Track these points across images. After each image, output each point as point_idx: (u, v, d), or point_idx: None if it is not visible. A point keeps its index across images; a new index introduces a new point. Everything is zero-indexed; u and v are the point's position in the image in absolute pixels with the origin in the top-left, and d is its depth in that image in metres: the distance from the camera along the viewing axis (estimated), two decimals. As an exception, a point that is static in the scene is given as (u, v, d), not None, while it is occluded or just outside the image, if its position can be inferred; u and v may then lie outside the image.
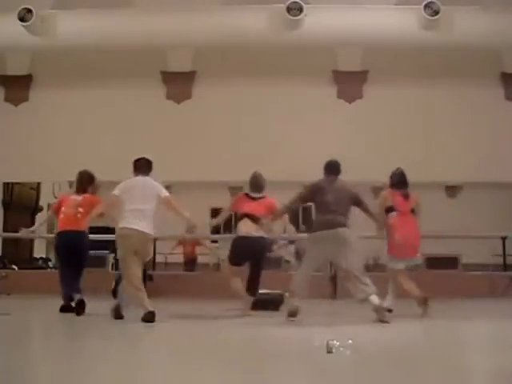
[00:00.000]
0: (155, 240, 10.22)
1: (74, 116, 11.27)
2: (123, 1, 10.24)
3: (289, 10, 9.32)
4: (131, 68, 11.06)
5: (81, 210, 6.99)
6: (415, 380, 3.16)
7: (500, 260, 10.10)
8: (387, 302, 6.46)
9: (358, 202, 6.35)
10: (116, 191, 6.43)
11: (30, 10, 9.40)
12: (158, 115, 11.25)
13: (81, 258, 6.83)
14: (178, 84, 11.40)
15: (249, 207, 6.74)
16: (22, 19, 9.40)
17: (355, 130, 10.95)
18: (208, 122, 11.10)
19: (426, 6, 9.22)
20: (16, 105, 11.50)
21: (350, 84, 11.26)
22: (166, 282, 9.24)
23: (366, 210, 6.40)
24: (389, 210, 6.75)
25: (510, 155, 10.67)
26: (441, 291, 8.59)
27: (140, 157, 6.68)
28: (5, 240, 12.97)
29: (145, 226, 6.24)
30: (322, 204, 6.22)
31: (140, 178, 6.50)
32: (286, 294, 7.13)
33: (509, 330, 5.41)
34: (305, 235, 6.78)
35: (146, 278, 9.09)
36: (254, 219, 6.62)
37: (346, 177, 11.47)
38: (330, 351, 3.68)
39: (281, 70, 10.93)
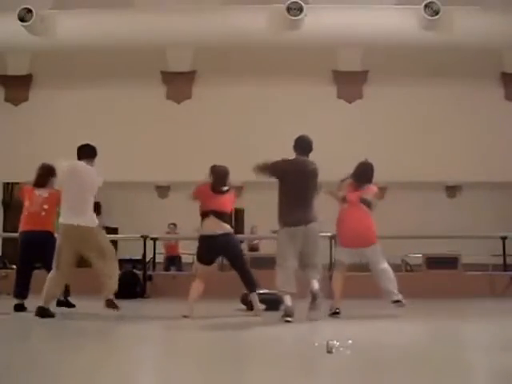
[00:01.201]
0: (155, 240, 10.27)
1: (74, 116, 11.27)
2: (123, 1, 10.25)
3: (289, 9, 9.32)
4: (131, 68, 11.07)
5: (46, 207, 6.71)
6: (415, 380, 3.16)
7: (500, 260, 10.09)
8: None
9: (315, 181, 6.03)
10: None
11: (30, 10, 9.40)
12: (158, 115, 11.26)
13: (46, 260, 6.40)
14: (178, 84, 11.41)
15: (215, 202, 6.39)
16: (22, 19, 9.41)
17: (355, 130, 10.96)
18: (208, 122, 11.10)
19: (426, 6, 9.23)
20: (16, 105, 11.50)
21: (350, 84, 11.27)
22: (165, 282, 9.23)
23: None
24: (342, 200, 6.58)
25: (510, 155, 10.67)
26: (441, 291, 8.60)
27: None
28: (5, 240, 12.96)
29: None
30: (288, 193, 5.93)
31: None
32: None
33: (509, 330, 5.41)
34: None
35: (146, 277, 9.13)
36: (220, 215, 6.31)
37: (345, 177, 11.47)
38: (329, 351, 3.67)
39: (281, 70, 10.93)
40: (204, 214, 6.40)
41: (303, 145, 6.20)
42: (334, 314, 6.19)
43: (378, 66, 11.04)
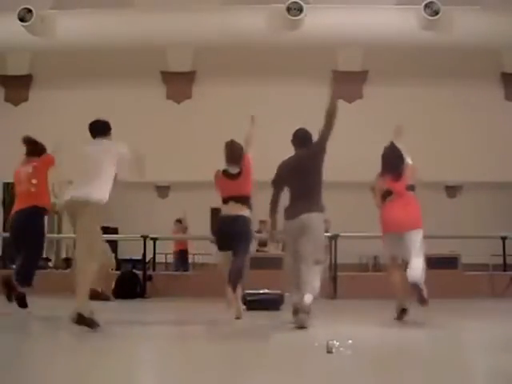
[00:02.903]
0: (155, 240, 10.27)
1: (73, 116, 11.26)
2: (123, 1, 10.25)
3: (289, 9, 9.33)
4: (131, 68, 11.07)
5: (34, 181, 6.14)
6: (415, 380, 3.16)
7: (500, 260, 10.09)
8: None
9: (316, 147, 5.84)
10: None
11: (30, 10, 9.41)
12: (158, 115, 11.26)
13: (30, 238, 5.97)
14: (178, 84, 11.42)
15: (232, 188, 6.19)
16: (22, 19, 9.41)
17: (355, 130, 10.95)
18: (208, 122, 11.11)
19: (425, 6, 9.23)
20: (16, 105, 11.51)
21: (350, 84, 11.26)
22: (165, 282, 9.22)
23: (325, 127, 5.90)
24: (387, 193, 6.41)
25: (510, 155, 10.67)
26: (441, 291, 8.59)
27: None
28: (5, 240, 12.96)
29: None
30: (289, 191, 5.77)
31: None
32: (286, 294, 7.13)
33: (509, 331, 5.41)
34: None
35: (146, 277, 9.12)
36: (240, 199, 6.14)
37: (345, 177, 11.51)
38: (329, 351, 3.67)
39: (281, 70, 10.94)
40: (224, 201, 6.22)
41: (298, 138, 6.14)
42: (402, 312, 5.79)
43: (377, 66, 11.05)
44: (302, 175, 5.80)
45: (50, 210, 6.38)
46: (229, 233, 6.04)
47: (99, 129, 5.69)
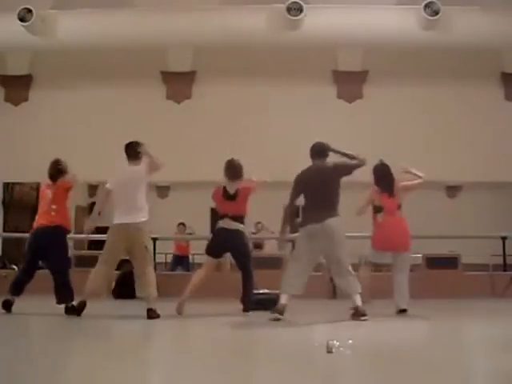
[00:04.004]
0: (155, 240, 10.26)
1: (74, 116, 11.28)
2: (123, 1, 10.25)
3: (289, 10, 9.33)
4: (131, 68, 11.07)
5: (54, 207, 6.48)
6: (415, 380, 3.16)
7: (500, 260, 10.10)
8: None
9: (343, 170, 6.24)
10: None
11: (30, 10, 9.41)
12: (158, 115, 11.25)
13: (51, 257, 6.33)
14: (178, 84, 11.41)
15: (228, 207, 6.58)
16: (22, 19, 9.41)
17: (355, 130, 10.95)
18: (208, 122, 11.10)
19: (426, 6, 9.23)
20: (16, 105, 11.50)
21: (350, 84, 11.26)
22: (165, 282, 9.21)
23: (352, 162, 6.31)
24: (377, 209, 6.75)
25: (510, 155, 10.67)
26: (441, 291, 8.59)
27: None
28: (5, 240, 12.96)
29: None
30: (308, 199, 6.09)
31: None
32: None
33: (509, 331, 5.41)
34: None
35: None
36: (235, 219, 6.53)
37: (345, 177, 11.47)
38: (330, 351, 3.67)
39: (281, 70, 10.93)
40: (220, 217, 6.63)
41: (315, 150, 6.38)
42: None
43: (377, 66, 11.04)
44: (320, 187, 6.08)
45: (69, 232, 6.81)
46: (225, 244, 6.49)
47: (132, 153, 6.65)
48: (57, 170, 6.76)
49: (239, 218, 6.55)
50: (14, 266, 11.21)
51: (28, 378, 3.16)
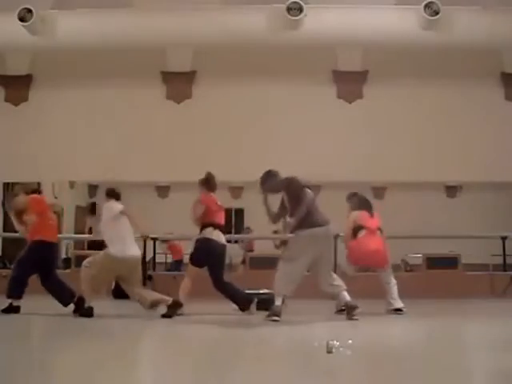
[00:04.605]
0: (155, 240, 10.26)
1: (73, 116, 11.27)
2: (123, 1, 10.24)
3: (289, 10, 9.32)
4: (131, 68, 11.06)
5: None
6: (415, 380, 3.16)
7: (500, 260, 10.09)
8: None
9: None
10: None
11: (30, 10, 9.40)
12: (158, 115, 11.25)
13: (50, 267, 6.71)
14: (178, 84, 11.40)
15: (221, 217, 6.71)
16: (22, 19, 9.40)
17: (355, 130, 10.95)
18: (208, 122, 11.10)
19: (426, 6, 9.22)
20: (16, 105, 11.50)
21: (349, 84, 11.25)
22: (165, 282, 9.22)
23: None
24: (358, 228, 6.83)
25: (510, 155, 10.67)
26: (441, 291, 8.59)
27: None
28: (5, 240, 12.95)
29: None
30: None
31: None
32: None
33: (509, 331, 5.41)
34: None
35: (146, 277, 9.11)
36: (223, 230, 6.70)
37: (346, 177, 11.50)
38: (329, 351, 3.68)
39: (281, 70, 10.93)
40: (214, 226, 6.61)
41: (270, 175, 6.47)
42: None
43: (378, 66, 11.03)
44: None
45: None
46: (220, 259, 6.59)
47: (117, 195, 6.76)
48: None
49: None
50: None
51: (28, 377, 3.16)
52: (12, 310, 6.32)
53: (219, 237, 6.57)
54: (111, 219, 6.42)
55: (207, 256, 6.52)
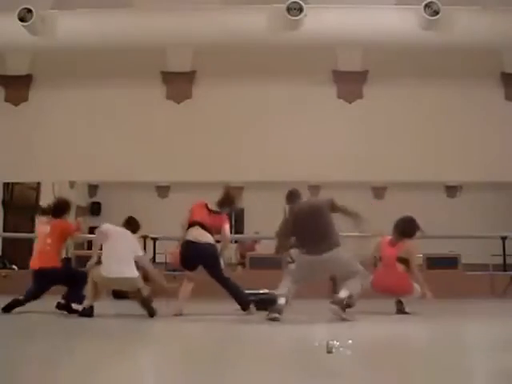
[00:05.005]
0: (155, 240, 10.27)
1: (74, 116, 11.27)
2: (123, 1, 10.24)
3: (289, 10, 9.32)
4: (131, 68, 11.06)
5: (49, 241, 6.74)
6: (415, 380, 3.16)
7: (500, 260, 10.10)
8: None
9: (334, 208, 6.19)
10: None
11: (30, 10, 9.39)
12: (158, 115, 11.25)
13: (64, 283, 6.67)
14: (178, 84, 11.41)
15: (203, 217, 6.69)
16: (22, 19, 9.40)
17: (355, 130, 10.96)
18: (208, 122, 11.10)
19: (426, 6, 9.22)
20: (16, 105, 11.50)
21: (349, 84, 11.26)
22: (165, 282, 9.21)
23: (344, 212, 6.23)
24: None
25: (510, 155, 10.67)
26: (441, 291, 8.58)
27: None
28: (5, 240, 12.96)
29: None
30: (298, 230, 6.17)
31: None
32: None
33: (510, 331, 5.41)
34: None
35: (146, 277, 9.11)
36: (205, 228, 6.60)
37: (346, 177, 11.51)
38: (330, 351, 3.68)
39: (281, 70, 10.93)
40: (190, 224, 6.63)
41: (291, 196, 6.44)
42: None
43: (378, 66, 11.04)
44: (311, 221, 6.08)
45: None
46: (201, 258, 6.55)
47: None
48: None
49: (211, 231, 6.64)
50: (14, 266, 11.22)
51: (28, 377, 3.16)
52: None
53: (191, 234, 6.56)
54: (99, 240, 6.52)
55: (186, 258, 6.58)
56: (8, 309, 6.42)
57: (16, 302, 6.48)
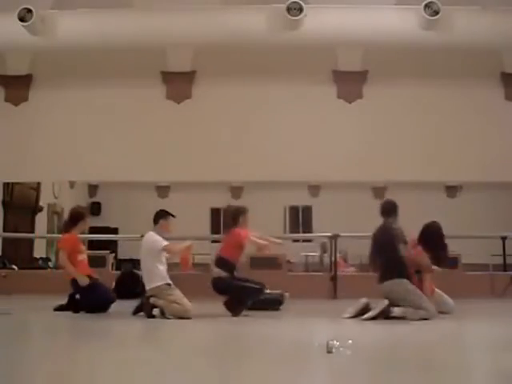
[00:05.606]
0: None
1: (74, 116, 11.27)
2: (123, 1, 10.24)
3: (289, 10, 9.31)
4: (131, 68, 11.06)
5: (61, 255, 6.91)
6: (415, 380, 3.16)
7: (500, 260, 10.10)
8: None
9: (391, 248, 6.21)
10: None
11: (30, 10, 9.39)
12: (158, 115, 11.25)
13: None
14: (178, 84, 11.41)
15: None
16: (22, 19, 9.40)
17: (355, 130, 10.96)
18: (208, 122, 11.10)
19: (426, 6, 9.22)
20: (16, 105, 11.50)
21: (349, 84, 11.26)
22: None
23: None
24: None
25: (510, 155, 10.68)
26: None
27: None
28: (5, 240, 12.96)
29: None
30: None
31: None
32: (286, 294, 7.15)
33: (510, 331, 5.41)
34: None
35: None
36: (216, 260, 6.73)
37: (346, 177, 11.49)
38: (330, 351, 3.68)
39: (281, 70, 10.93)
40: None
41: (383, 208, 6.51)
42: None
43: (377, 66, 11.04)
44: (375, 248, 6.34)
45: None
46: None
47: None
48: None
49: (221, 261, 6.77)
50: (14, 266, 11.23)
51: (27, 377, 3.16)
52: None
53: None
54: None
55: None
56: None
57: None
